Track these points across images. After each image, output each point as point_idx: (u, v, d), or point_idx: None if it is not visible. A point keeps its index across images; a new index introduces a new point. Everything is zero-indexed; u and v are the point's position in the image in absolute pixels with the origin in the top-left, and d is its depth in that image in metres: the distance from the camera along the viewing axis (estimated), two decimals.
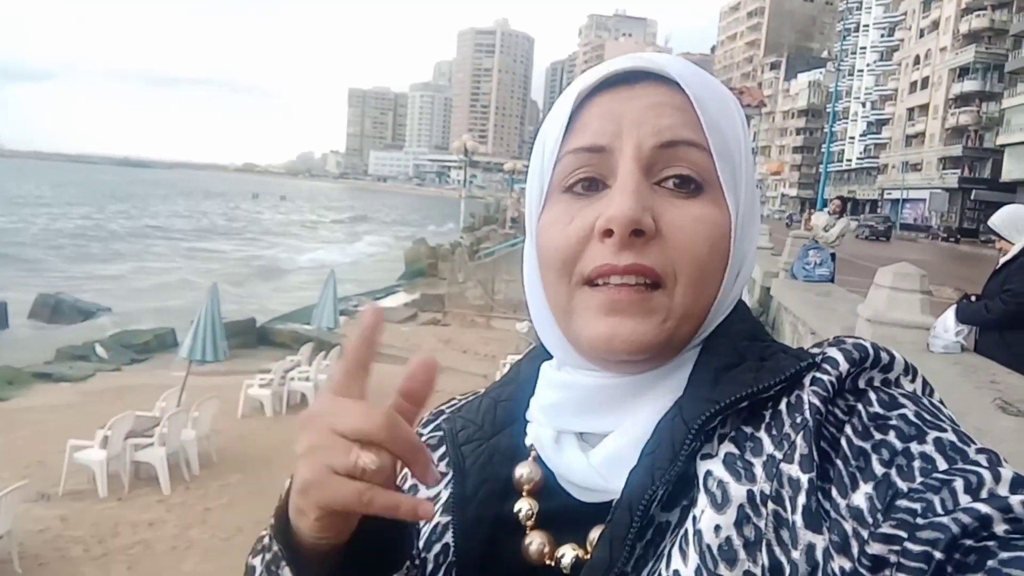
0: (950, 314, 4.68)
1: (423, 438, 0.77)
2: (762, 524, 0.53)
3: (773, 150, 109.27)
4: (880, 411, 0.54)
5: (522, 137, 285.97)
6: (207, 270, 33.30)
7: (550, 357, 0.72)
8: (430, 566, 0.66)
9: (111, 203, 78.57)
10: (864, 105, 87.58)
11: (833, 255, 8.86)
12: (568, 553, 0.62)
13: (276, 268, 36.34)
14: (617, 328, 0.60)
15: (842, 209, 9.80)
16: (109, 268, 33.22)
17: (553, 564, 0.62)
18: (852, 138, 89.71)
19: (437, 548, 0.67)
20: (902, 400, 0.55)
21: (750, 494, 0.54)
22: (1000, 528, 0.44)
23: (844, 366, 0.56)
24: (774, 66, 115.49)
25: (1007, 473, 0.47)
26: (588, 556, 0.60)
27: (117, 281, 29.08)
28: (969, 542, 0.44)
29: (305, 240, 54.05)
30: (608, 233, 0.59)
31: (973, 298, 4.60)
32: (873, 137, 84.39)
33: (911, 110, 75.57)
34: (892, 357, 0.58)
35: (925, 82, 72.88)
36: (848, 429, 0.54)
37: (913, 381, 0.59)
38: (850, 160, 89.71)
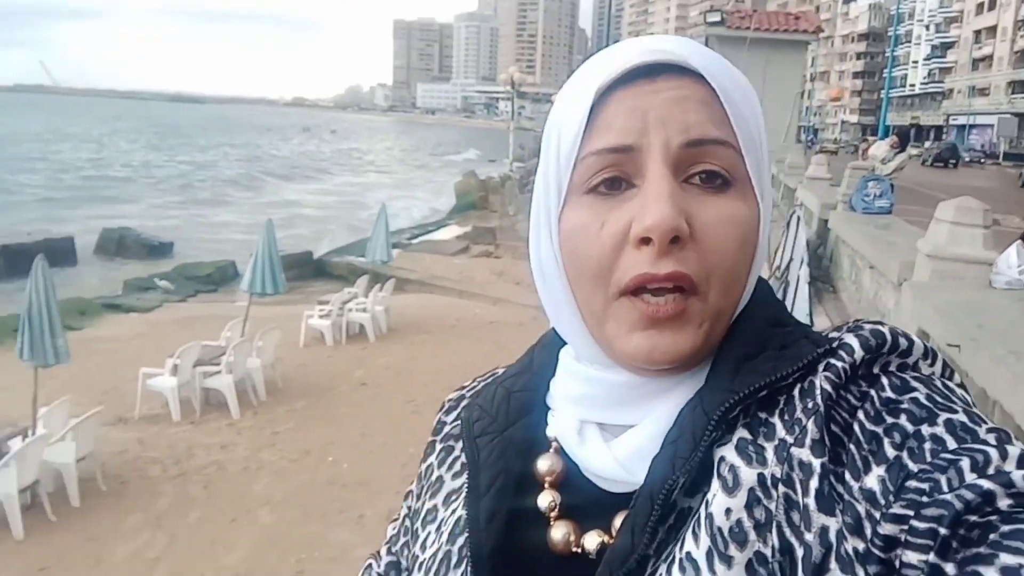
0: (1013, 250, 4.57)
1: (446, 427, 0.80)
2: (773, 506, 0.53)
3: (832, 75, 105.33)
4: (892, 395, 0.55)
5: (570, 66, 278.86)
6: (264, 203, 33.80)
7: (563, 343, 0.71)
8: (454, 559, 0.67)
9: (168, 139, 79.55)
10: (928, 28, 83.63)
11: (892, 186, 8.66)
12: (593, 539, 0.63)
13: (334, 203, 36.67)
14: (656, 341, 0.59)
15: (901, 144, 9.66)
16: (171, 203, 33.81)
17: (579, 551, 0.63)
18: (915, 62, 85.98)
19: (460, 541, 0.67)
20: (914, 383, 0.56)
21: (760, 477, 0.55)
22: (1004, 503, 0.45)
23: (859, 353, 0.56)
24: None
25: (1015, 450, 0.48)
26: (612, 541, 0.61)
27: (179, 216, 29.65)
28: (973, 518, 0.45)
29: (361, 174, 54.27)
30: (646, 241, 0.57)
31: None
32: (937, 61, 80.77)
33: (978, 32, 71.99)
34: (911, 342, 0.58)
35: (993, 3, 69.14)
36: (860, 414, 0.54)
37: (932, 365, 0.59)
38: (913, 85, 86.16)
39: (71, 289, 15.47)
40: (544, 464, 0.68)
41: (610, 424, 0.65)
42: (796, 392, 0.57)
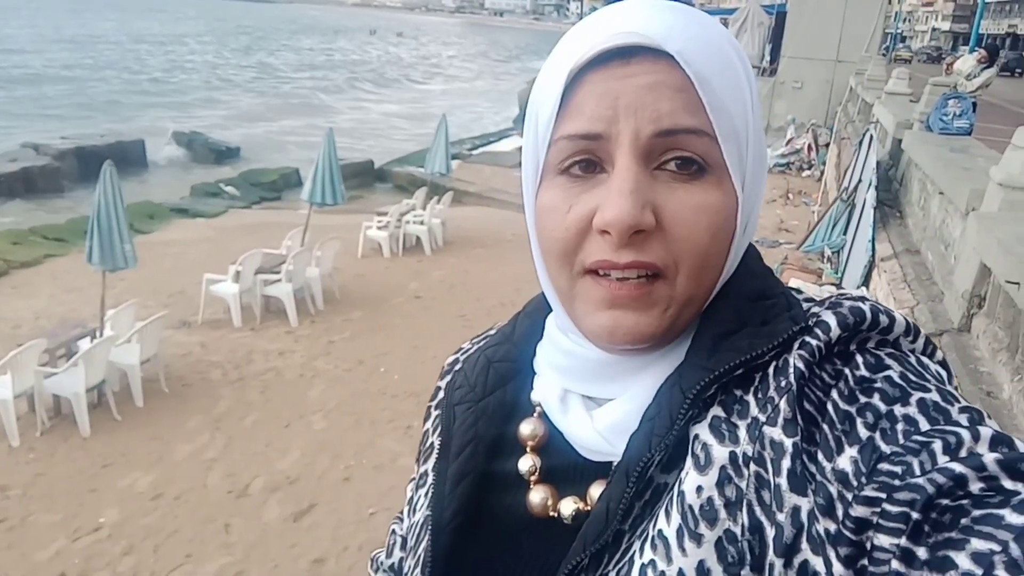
0: None
1: (441, 393, 0.81)
2: (743, 484, 0.54)
3: None
4: (866, 374, 0.54)
5: None
6: (328, 110, 33.86)
7: (550, 310, 0.72)
8: (429, 524, 0.70)
9: (240, 40, 79.68)
10: None
11: (975, 105, 8.16)
12: (569, 505, 0.64)
13: (398, 110, 36.55)
14: (619, 321, 0.60)
15: (990, 59, 9.02)
16: (241, 107, 34.03)
17: (556, 515, 0.65)
18: None
19: None
20: (888, 361, 0.55)
21: (732, 455, 0.55)
22: (975, 487, 0.45)
23: (835, 331, 0.56)
24: None
25: (986, 432, 0.48)
26: (588, 508, 0.63)
27: (247, 121, 29.91)
28: (945, 501, 0.44)
29: (427, 81, 53.80)
30: (607, 231, 0.58)
31: None
32: None
33: None
34: (892, 319, 0.57)
35: None
36: (834, 393, 0.54)
37: (914, 341, 0.58)
38: None
39: (141, 192, 15.93)
40: (527, 428, 0.70)
41: (592, 395, 0.67)
42: (771, 370, 0.57)
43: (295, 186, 17.17)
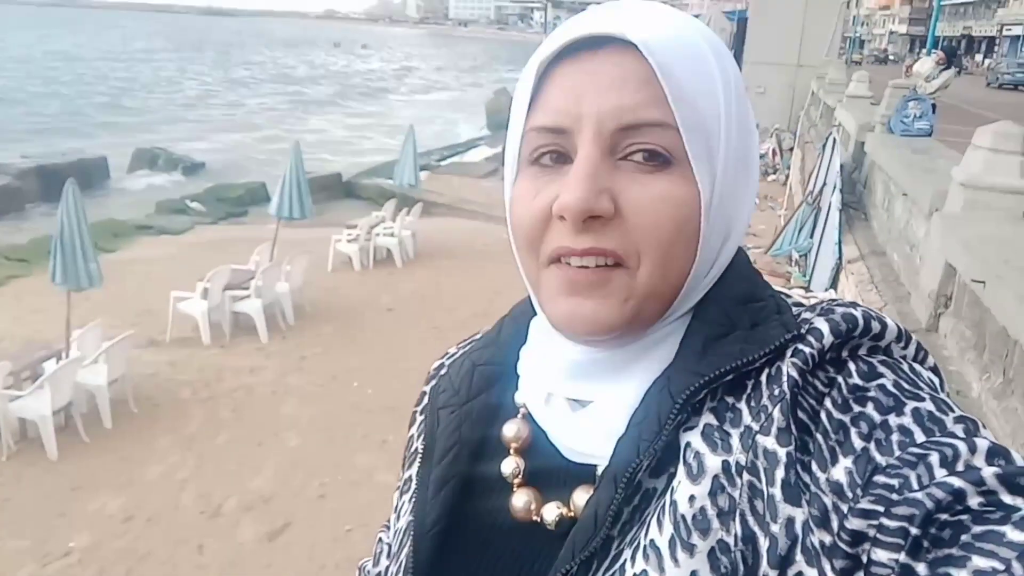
0: None
1: (426, 397, 0.80)
2: (736, 494, 0.53)
3: None
4: (859, 382, 0.54)
5: None
6: (294, 125, 33.65)
7: (535, 314, 0.72)
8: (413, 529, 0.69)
9: (203, 54, 78.99)
10: None
11: (934, 106, 8.33)
12: (552, 511, 0.63)
13: (364, 124, 36.42)
14: (577, 308, 0.60)
15: (948, 61, 9.27)
16: (205, 123, 33.72)
17: (539, 520, 0.64)
18: None
19: None
20: (881, 369, 0.55)
21: (725, 464, 0.54)
22: (974, 501, 0.44)
23: (828, 338, 0.55)
24: None
25: (983, 443, 0.47)
26: (571, 514, 0.62)
27: (210, 135, 29.63)
28: (944, 516, 0.44)
29: (393, 92, 53.65)
30: (563, 216, 0.59)
31: None
32: None
33: None
34: (884, 325, 0.57)
35: None
36: (828, 402, 0.53)
37: (906, 347, 0.58)
38: None
39: (104, 210, 15.67)
40: (511, 430, 0.69)
41: (576, 396, 0.66)
42: (763, 378, 0.57)
43: (262, 201, 16.95)
